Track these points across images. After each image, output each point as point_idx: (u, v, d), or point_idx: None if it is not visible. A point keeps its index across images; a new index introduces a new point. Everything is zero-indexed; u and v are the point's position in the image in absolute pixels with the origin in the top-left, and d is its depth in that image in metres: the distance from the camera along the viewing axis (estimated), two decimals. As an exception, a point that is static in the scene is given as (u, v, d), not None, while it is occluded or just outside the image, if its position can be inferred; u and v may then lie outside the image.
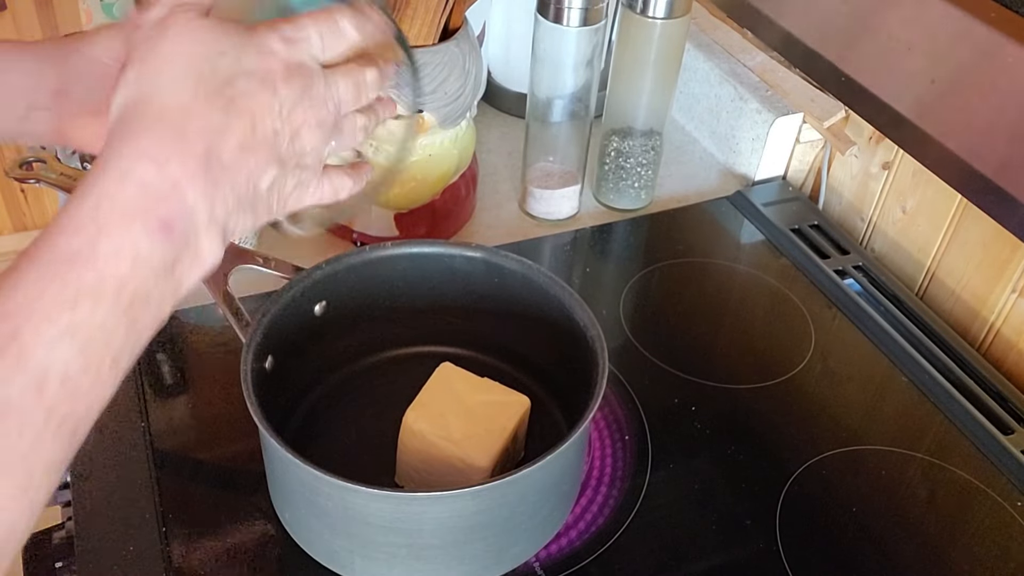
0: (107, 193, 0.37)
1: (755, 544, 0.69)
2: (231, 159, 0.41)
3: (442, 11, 0.80)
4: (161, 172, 0.38)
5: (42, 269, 0.36)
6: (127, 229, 0.37)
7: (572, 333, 0.68)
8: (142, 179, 0.38)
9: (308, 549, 0.65)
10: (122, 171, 0.38)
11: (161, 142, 0.39)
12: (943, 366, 0.83)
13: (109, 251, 0.37)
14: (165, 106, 0.40)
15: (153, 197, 0.38)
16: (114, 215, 0.37)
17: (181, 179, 0.39)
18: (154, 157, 0.39)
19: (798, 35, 0.73)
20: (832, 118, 1.01)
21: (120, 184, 0.38)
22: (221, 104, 0.41)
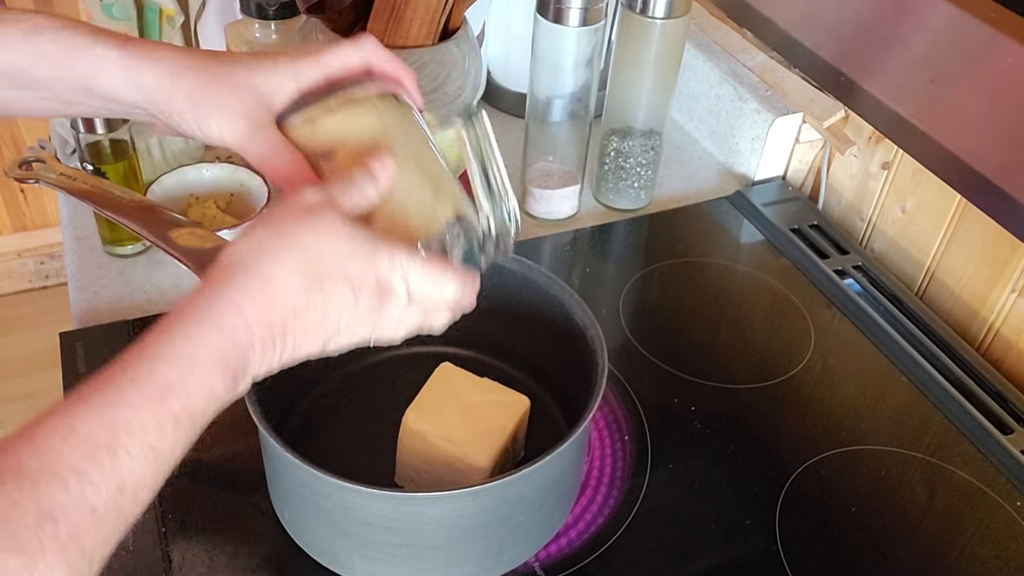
0: (206, 339, 0.44)
1: (755, 544, 0.69)
2: (295, 337, 0.48)
3: (442, 11, 0.80)
4: (249, 334, 0.45)
5: (144, 392, 0.41)
6: (213, 372, 0.44)
7: (572, 333, 0.68)
8: (234, 336, 0.45)
9: (308, 549, 0.65)
10: (221, 323, 0.45)
11: (258, 310, 0.46)
12: (943, 366, 0.84)
13: (196, 387, 0.43)
14: (273, 279, 0.46)
15: (236, 352, 0.45)
16: (207, 358, 0.44)
17: (256, 343, 0.46)
18: (248, 321, 0.45)
19: (798, 35, 0.73)
20: (832, 118, 1.01)
21: (218, 334, 0.44)
22: (312, 295, 0.47)
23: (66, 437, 0.39)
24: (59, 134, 0.99)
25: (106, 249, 0.91)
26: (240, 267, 0.47)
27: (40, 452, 0.38)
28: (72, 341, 0.80)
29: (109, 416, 0.40)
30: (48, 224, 2.12)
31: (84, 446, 0.39)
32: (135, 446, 0.40)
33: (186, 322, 0.44)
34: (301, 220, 0.48)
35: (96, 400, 0.40)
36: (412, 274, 0.50)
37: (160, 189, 0.88)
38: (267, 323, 0.46)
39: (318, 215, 0.48)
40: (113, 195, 0.72)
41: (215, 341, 0.44)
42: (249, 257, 0.47)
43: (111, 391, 0.41)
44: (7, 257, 2.13)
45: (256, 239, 0.48)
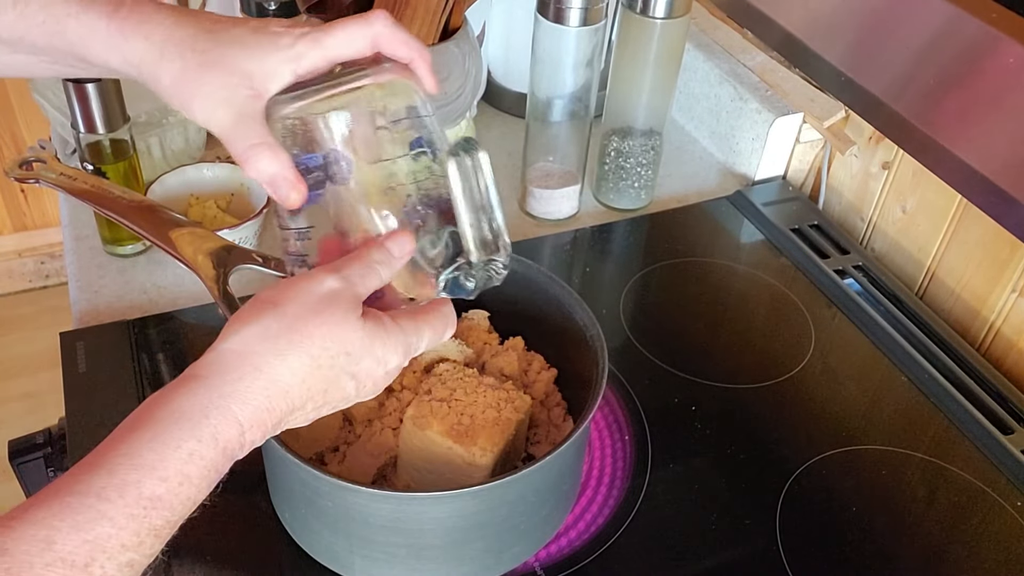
0: (199, 452, 0.42)
1: (755, 544, 0.69)
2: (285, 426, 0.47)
3: (442, 11, 0.80)
4: (241, 440, 0.44)
5: (128, 508, 0.40)
6: (200, 484, 0.43)
7: (572, 333, 0.68)
8: (226, 447, 0.44)
9: (308, 549, 0.65)
10: (216, 436, 0.43)
11: (256, 417, 0.44)
12: (943, 366, 0.83)
13: (182, 501, 0.42)
14: (277, 383, 0.45)
15: (225, 460, 0.44)
16: (196, 474, 0.42)
17: (247, 446, 0.45)
18: (243, 427, 0.44)
19: (798, 35, 0.73)
20: (832, 118, 1.01)
21: (212, 449, 0.43)
22: (312, 395, 0.47)
23: (43, 553, 0.37)
24: (59, 134, 0.99)
25: (106, 249, 0.91)
26: (243, 366, 0.44)
27: (14, 569, 0.36)
28: (72, 341, 0.80)
29: (89, 533, 0.38)
30: (48, 224, 2.12)
31: (60, 567, 0.37)
32: (111, 564, 0.39)
33: (180, 429, 0.42)
34: (315, 315, 0.46)
35: (77, 508, 0.39)
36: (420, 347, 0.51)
37: (160, 189, 0.88)
38: (262, 427, 0.45)
39: (333, 310, 0.46)
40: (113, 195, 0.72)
41: (208, 456, 0.43)
42: (254, 353, 0.45)
43: (94, 501, 0.39)
44: (7, 257, 2.13)
45: (262, 330, 0.45)
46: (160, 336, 0.82)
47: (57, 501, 0.39)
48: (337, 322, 0.46)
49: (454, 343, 0.70)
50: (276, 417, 0.45)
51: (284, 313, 0.46)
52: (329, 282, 0.47)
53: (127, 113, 0.84)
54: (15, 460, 0.75)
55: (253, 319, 0.46)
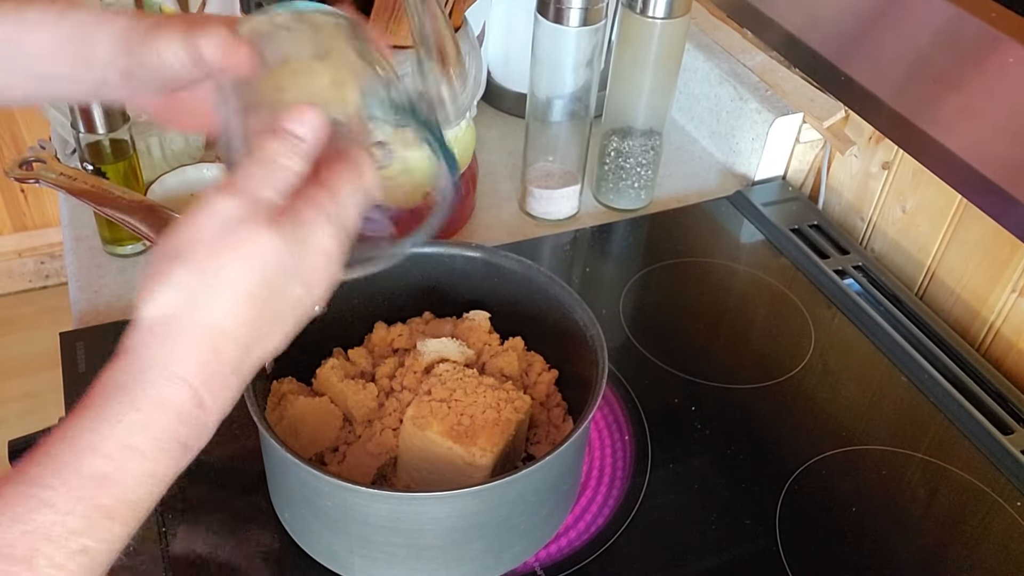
0: (141, 419, 0.39)
1: (755, 544, 0.69)
2: (251, 362, 0.44)
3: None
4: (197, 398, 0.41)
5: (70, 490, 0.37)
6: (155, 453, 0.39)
7: (572, 333, 0.68)
8: (179, 410, 0.40)
9: (308, 549, 0.65)
10: (160, 398, 0.40)
11: (204, 370, 0.41)
12: (943, 366, 0.83)
13: (135, 476, 0.39)
14: (215, 329, 0.41)
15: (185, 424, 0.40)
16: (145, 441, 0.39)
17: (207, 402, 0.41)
18: (191, 383, 0.40)
19: (798, 35, 0.73)
20: (832, 118, 1.01)
21: (155, 411, 0.40)
22: (261, 323, 0.43)
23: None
24: (59, 134, 0.99)
25: (106, 249, 0.91)
26: (172, 329, 0.41)
27: None
28: (72, 341, 0.80)
29: (29, 524, 0.36)
30: (48, 224, 2.12)
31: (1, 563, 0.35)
32: (60, 554, 0.36)
33: (119, 403, 0.39)
34: (223, 251, 0.42)
35: (16, 501, 0.36)
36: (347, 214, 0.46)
37: (160, 189, 0.88)
38: (216, 376, 0.41)
39: (238, 236, 0.42)
40: (113, 195, 0.72)
41: (157, 423, 0.40)
42: (178, 315, 0.41)
43: (35, 490, 0.37)
44: (7, 257, 2.13)
45: (175, 288, 0.42)
46: (160, 336, 0.82)
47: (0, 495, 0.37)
48: (249, 247, 0.42)
49: (454, 343, 0.70)
50: (230, 363, 0.42)
51: (190, 260, 0.42)
52: (223, 205, 0.42)
53: (127, 113, 0.84)
54: (15, 460, 0.75)
55: (164, 279, 0.42)
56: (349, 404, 0.67)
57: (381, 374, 0.69)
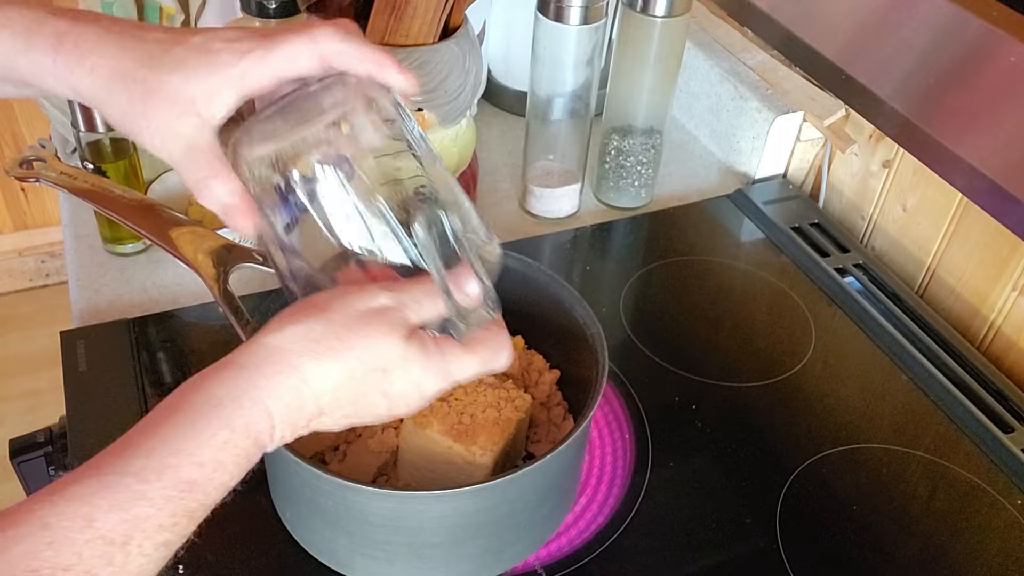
0: (234, 443, 0.43)
1: (755, 542, 0.69)
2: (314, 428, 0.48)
3: (442, 10, 0.80)
4: (271, 434, 0.45)
5: (166, 489, 0.41)
6: (233, 473, 0.44)
7: (572, 331, 0.68)
8: (258, 438, 0.45)
9: (309, 548, 0.65)
10: (248, 427, 0.44)
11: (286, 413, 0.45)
12: (943, 364, 0.83)
13: (216, 486, 0.43)
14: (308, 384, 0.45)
15: (256, 449, 0.45)
16: (230, 461, 0.43)
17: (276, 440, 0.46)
18: (275, 423, 0.45)
19: (798, 33, 0.73)
20: (832, 116, 1.01)
21: (244, 438, 0.44)
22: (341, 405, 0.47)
23: (83, 529, 0.38)
24: (60, 133, 0.99)
25: (107, 248, 0.91)
26: (280, 361, 0.45)
27: (56, 543, 0.37)
28: (73, 340, 0.80)
29: (128, 512, 0.39)
30: (49, 223, 2.12)
31: (100, 544, 0.38)
32: (148, 543, 0.40)
33: (217, 417, 0.43)
34: (359, 327, 0.46)
35: (116, 487, 0.40)
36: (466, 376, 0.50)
37: (161, 188, 0.88)
38: (291, 424, 0.46)
39: (378, 325, 0.47)
40: (114, 194, 0.72)
41: (241, 444, 0.44)
42: (292, 352, 0.45)
43: (132, 482, 0.40)
44: (8, 256, 2.13)
45: (305, 331, 0.46)
46: (160, 335, 0.82)
47: (96, 479, 0.40)
48: (379, 337, 0.46)
49: None
50: (305, 418, 0.46)
51: (330, 320, 0.46)
52: (381, 299, 0.47)
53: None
54: (16, 459, 0.75)
55: (299, 319, 0.46)
56: (350, 403, 0.67)
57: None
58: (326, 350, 0.46)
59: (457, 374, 0.50)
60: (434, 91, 0.82)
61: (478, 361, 0.51)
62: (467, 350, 0.51)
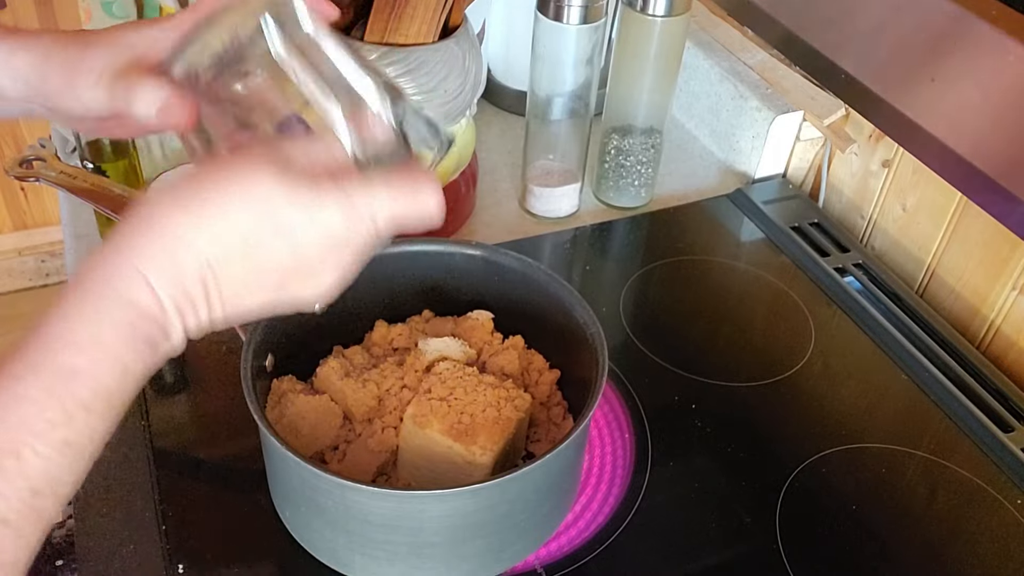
0: (109, 315, 0.40)
1: (755, 542, 0.69)
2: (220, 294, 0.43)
3: (442, 9, 0.80)
4: (156, 301, 0.41)
5: (46, 384, 0.38)
6: (122, 349, 0.40)
7: (572, 331, 0.68)
8: (139, 307, 0.41)
9: (309, 547, 0.65)
10: (122, 296, 0.40)
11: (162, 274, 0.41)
12: (943, 364, 0.83)
13: (105, 369, 0.40)
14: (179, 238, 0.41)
15: (145, 322, 0.41)
16: (111, 337, 0.40)
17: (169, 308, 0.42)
18: (152, 287, 0.41)
19: (798, 32, 0.73)
20: (832, 116, 1.01)
21: (120, 308, 0.40)
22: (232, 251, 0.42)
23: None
24: (59, 132, 0.99)
25: (106, 247, 0.91)
26: (144, 226, 0.42)
27: None
28: (72, 339, 0.80)
29: (11, 417, 0.37)
30: (48, 222, 2.12)
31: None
32: (42, 445, 0.37)
33: (86, 298, 0.40)
34: (227, 169, 0.43)
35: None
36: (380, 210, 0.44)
37: (161, 187, 0.88)
38: (177, 285, 0.41)
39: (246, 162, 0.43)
40: (113, 193, 0.72)
41: (119, 316, 0.40)
42: (156, 214, 0.42)
43: (10, 386, 0.38)
44: (7, 255, 2.13)
45: (172, 192, 0.42)
46: (160, 334, 0.82)
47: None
48: (250, 171, 0.42)
49: (456, 343, 0.70)
50: (192, 278, 0.42)
51: (201, 178, 0.43)
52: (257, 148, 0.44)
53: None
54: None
55: (170, 188, 0.43)
56: (349, 402, 0.67)
57: (381, 373, 0.69)
58: (196, 201, 0.42)
59: (363, 207, 0.44)
60: (434, 91, 0.82)
61: (389, 193, 0.44)
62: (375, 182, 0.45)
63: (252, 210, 0.42)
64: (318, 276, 0.45)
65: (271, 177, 0.42)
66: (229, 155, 0.44)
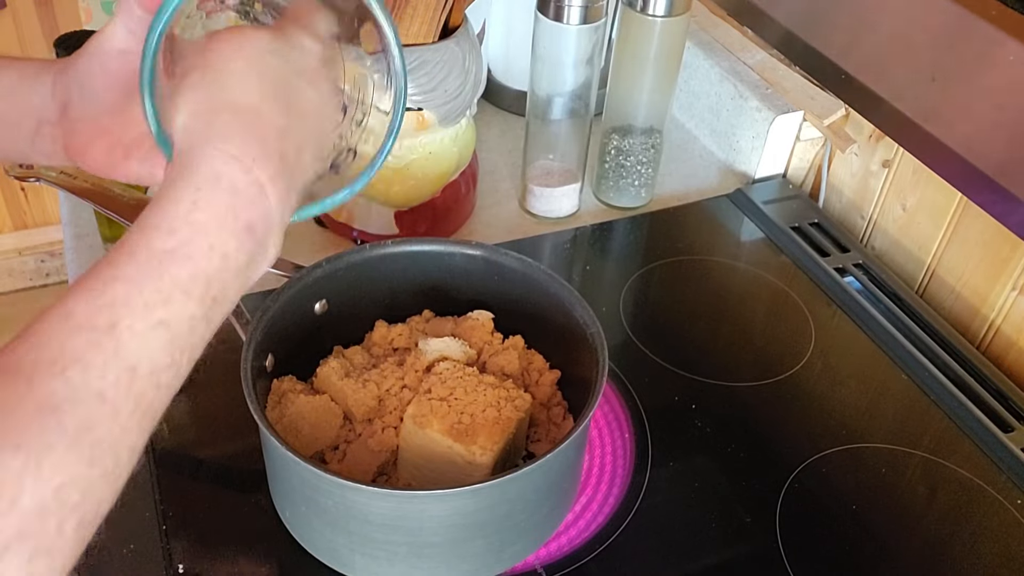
0: (201, 197, 0.40)
1: (755, 542, 0.69)
2: (295, 160, 0.44)
3: (442, 9, 0.80)
4: (248, 176, 0.41)
5: (141, 265, 0.38)
6: (219, 230, 0.40)
7: (572, 331, 0.68)
8: (232, 183, 0.41)
9: (309, 547, 0.65)
10: (215, 174, 0.40)
11: (245, 145, 0.41)
12: (943, 364, 0.83)
13: (202, 251, 0.39)
14: (239, 108, 0.42)
15: (242, 200, 0.41)
16: (208, 217, 0.40)
17: (265, 183, 0.42)
18: (241, 160, 0.41)
19: (798, 33, 0.73)
20: (832, 116, 1.01)
21: (213, 188, 0.40)
22: (282, 106, 0.43)
23: (63, 325, 0.36)
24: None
25: (107, 247, 0.91)
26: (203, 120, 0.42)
27: (37, 346, 0.35)
28: (72, 339, 0.80)
29: (106, 297, 0.37)
30: (48, 222, 2.12)
31: (82, 332, 0.36)
32: (139, 323, 0.37)
33: (175, 188, 0.40)
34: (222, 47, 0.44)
35: (91, 284, 0.37)
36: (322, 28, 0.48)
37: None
38: (263, 157, 0.42)
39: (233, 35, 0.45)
40: (113, 193, 0.72)
41: (212, 197, 0.40)
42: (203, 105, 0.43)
43: (107, 271, 0.38)
44: (7, 255, 2.13)
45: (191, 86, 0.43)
46: (160, 334, 0.82)
47: (76, 286, 0.38)
48: (239, 38, 0.44)
49: (457, 343, 0.70)
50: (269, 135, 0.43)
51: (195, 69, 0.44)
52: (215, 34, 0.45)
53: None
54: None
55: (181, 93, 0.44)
56: (349, 402, 0.67)
57: (381, 373, 0.69)
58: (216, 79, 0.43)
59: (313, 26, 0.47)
60: (434, 91, 0.82)
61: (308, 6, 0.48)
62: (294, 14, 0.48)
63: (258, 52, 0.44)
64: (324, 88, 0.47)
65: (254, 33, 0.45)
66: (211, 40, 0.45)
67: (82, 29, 0.87)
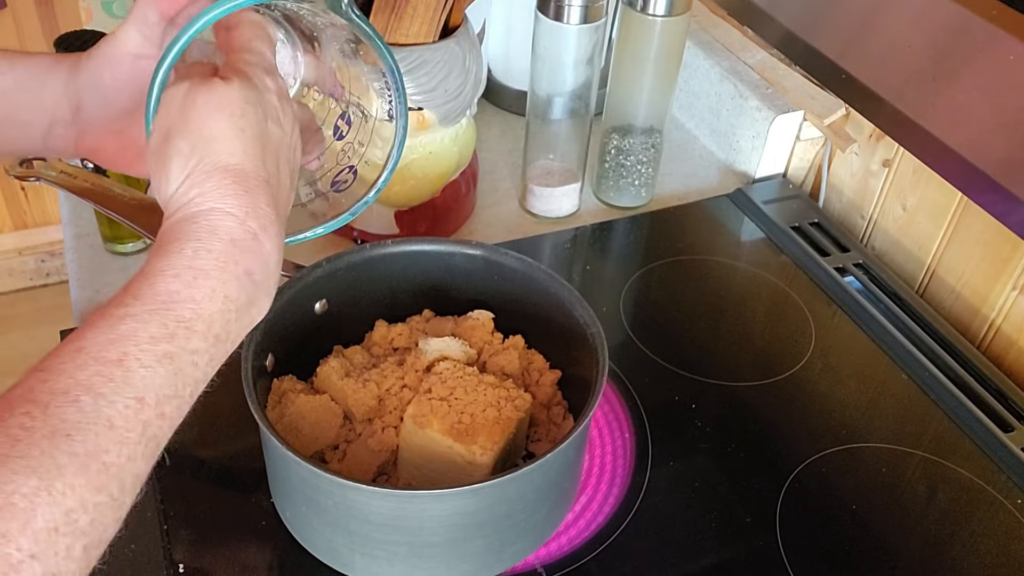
0: (202, 246, 0.43)
1: (755, 541, 0.69)
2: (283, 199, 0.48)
3: (442, 9, 0.80)
4: (243, 227, 0.44)
5: (147, 304, 0.41)
6: (220, 274, 0.43)
7: (572, 330, 0.68)
8: (230, 234, 0.44)
9: (309, 547, 0.65)
10: (212, 228, 0.44)
11: (236, 201, 0.45)
12: (943, 364, 0.84)
13: (204, 293, 0.42)
14: (227, 170, 0.45)
15: (240, 248, 0.44)
16: (209, 263, 0.43)
17: (259, 232, 0.45)
18: (235, 215, 0.44)
19: (798, 32, 0.73)
20: (832, 116, 1.01)
21: (212, 239, 0.43)
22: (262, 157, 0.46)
23: (75, 358, 0.39)
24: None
25: (107, 247, 0.91)
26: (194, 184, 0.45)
27: (50, 377, 0.38)
28: (73, 339, 0.80)
29: (114, 332, 0.40)
30: (48, 222, 2.12)
31: (93, 364, 0.38)
32: (146, 355, 0.40)
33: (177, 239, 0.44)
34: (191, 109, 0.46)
35: (101, 323, 0.40)
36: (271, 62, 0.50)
37: (160, 187, 0.88)
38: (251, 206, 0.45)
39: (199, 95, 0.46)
40: (114, 193, 0.72)
41: (211, 246, 0.43)
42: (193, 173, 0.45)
43: (116, 311, 0.41)
44: (7, 255, 2.13)
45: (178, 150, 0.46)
46: (160, 334, 0.82)
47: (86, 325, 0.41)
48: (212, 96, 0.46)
49: (457, 343, 0.70)
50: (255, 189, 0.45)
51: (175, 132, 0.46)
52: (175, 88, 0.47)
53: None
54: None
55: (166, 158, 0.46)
56: (349, 402, 0.67)
57: (381, 372, 0.69)
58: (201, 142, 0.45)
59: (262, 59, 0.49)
60: (434, 90, 0.82)
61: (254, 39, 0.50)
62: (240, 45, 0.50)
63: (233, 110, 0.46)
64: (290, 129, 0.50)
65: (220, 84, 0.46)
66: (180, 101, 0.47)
67: (82, 29, 0.87)
